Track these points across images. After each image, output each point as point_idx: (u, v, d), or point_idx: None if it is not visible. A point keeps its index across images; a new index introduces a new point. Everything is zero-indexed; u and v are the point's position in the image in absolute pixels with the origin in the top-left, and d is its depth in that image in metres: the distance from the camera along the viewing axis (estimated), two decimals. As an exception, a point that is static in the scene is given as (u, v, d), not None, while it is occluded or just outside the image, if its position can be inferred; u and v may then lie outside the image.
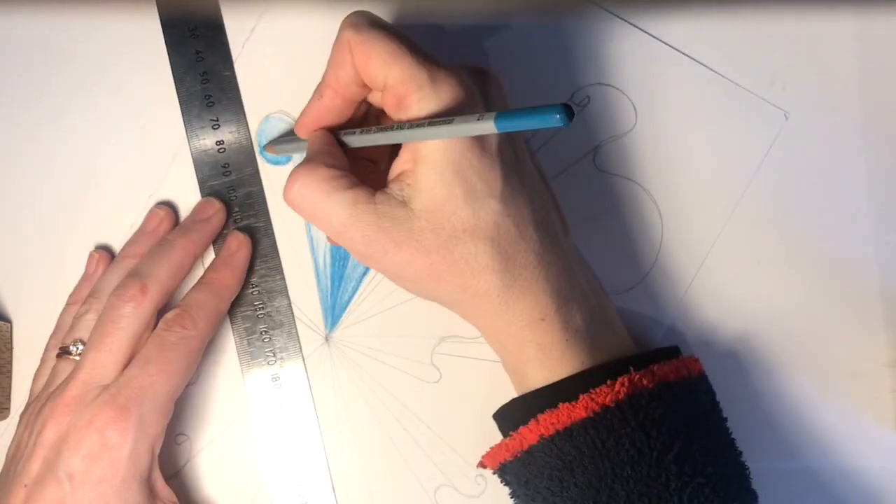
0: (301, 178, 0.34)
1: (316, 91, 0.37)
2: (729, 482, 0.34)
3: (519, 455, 0.35)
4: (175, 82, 0.42)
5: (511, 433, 0.35)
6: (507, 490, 0.37)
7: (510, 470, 0.36)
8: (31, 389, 0.40)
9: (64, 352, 0.39)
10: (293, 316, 0.42)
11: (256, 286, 0.42)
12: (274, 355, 0.42)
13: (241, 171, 0.42)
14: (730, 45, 0.42)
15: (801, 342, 0.42)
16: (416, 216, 0.34)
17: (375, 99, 0.37)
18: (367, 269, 0.42)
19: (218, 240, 0.42)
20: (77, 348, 0.38)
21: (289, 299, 0.42)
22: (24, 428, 0.38)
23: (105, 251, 0.42)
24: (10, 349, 0.42)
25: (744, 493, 0.35)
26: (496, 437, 0.41)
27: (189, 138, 0.42)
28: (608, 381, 0.33)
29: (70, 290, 0.42)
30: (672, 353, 0.37)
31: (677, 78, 0.42)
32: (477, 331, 0.42)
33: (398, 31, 0.34)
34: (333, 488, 0.41)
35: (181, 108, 0.42)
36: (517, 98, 0.42)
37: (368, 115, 0.39)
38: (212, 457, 0.42)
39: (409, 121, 0.33)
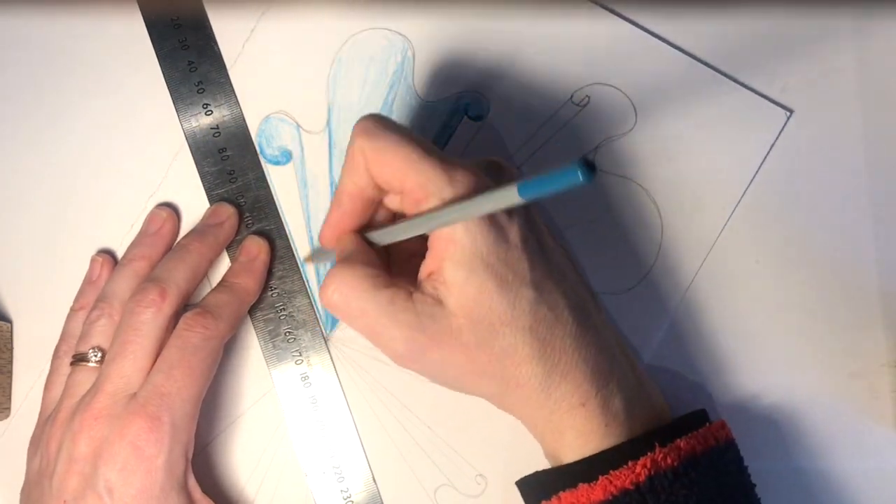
0: (338, 278, 0.34)
1: (334, 200, 0.36)
2: None
3: None
4: (171, 93, 0.42)
5: None
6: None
7: None
8: (45, 398, 0.40)
9: (80, 359, 0.38)
10: (315, 313, 0.42)
11: (276, 288, 0.42)
12: (300, 354, 0.42)
13: (246, 176, 0.42)
14: (730, 45, 0.42)
15: (801, 342, 0.42)
16: (453, 314, 0.33)
17: (393, 202, 0.36)
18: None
19: (232, 245, 0.42)
20: (96, 355, 0.38)
21: (309, 297, 0.42)
22: (50, 441, 0.37)
23: (108, 255, 0.42)
24: (11, 349, 0.42)
25: None
26: (496, 437, 0.41)
27: (192, 150, 0.42)
28: (629, 463, 0.33)
29: (70, 290, 0.42)
30: (698, 419, 0.36)
31: (677, 78, 0.42)
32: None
33: (410, 133, 0.34)
34: (375, 480, 0.41)
35: (182, 126, 0.42)
36: (517, 99, 0.42)
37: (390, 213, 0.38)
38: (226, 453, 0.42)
39: (428, 211, 0.33)
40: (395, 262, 0.38)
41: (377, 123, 0.34)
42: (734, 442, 0.36)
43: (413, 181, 0.33)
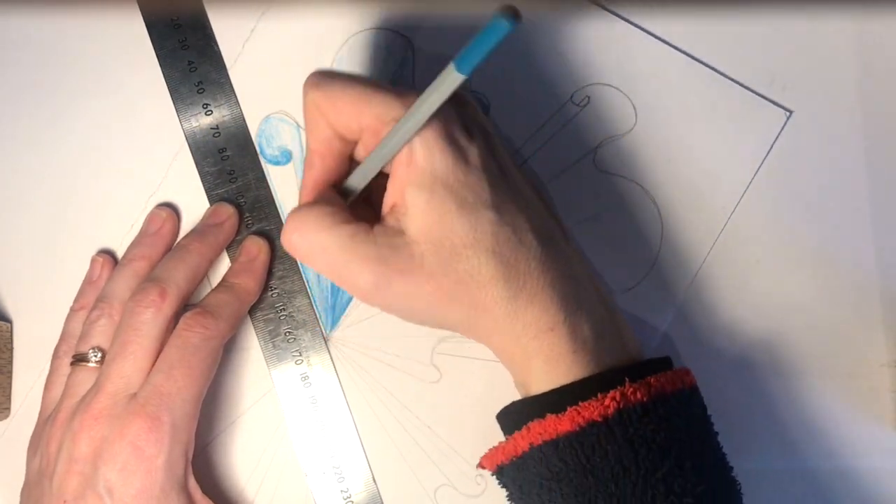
0: (297, 218, 0.34)
1: (305, 164, 0.36)
2: (718, 500, 0.33)
3: (514, 459, 0.35)
4: (171, 93, 0.42)
5: (507, 437, 0.35)
6: (504, 492, 0.37)
7: (506, 473, 0.36)
8: (45, 398, 0.40)
9: (80, 359, 0.38)
10: (315, 313, 0.42)
11: (276, 288, 0.42)
12: (300, 354, 0.42)
13: (246, 176, 0.42)
14: (730, 44, 0.42)
15: (801, 342, 0.42)
16: (415, 241, 0.33)
17: (361, 153, 0.36)
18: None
19: (232, 245, 0.42)
20: (96, 355, 0.38)
21: (309, 298, 0.42)
22: (50, 441, 0.37)
23: (108, 255, 0.42)
24: (11, 349, 0.42)
25: None
26: (496, 437, 0.41)
27: (192, 150, 0.42)
28: (598, 395, 0.32)
29: (70, 290, 0.42)
30: (664, 363, 0.36)
31: (677, 78, 0.42)
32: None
33: (359, 75, 0.34)
34: (375, 480, 0.41)
35: (182, 126, 0.42)
36: (517, 99, 0.42)
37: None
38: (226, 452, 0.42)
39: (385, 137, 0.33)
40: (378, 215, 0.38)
41: (323, 73, 0.34)
42: (698, 388, 0.36)
43: (368, 115, 0.33)
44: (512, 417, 0.36)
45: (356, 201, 0.37)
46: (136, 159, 0.43)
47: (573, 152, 0.42)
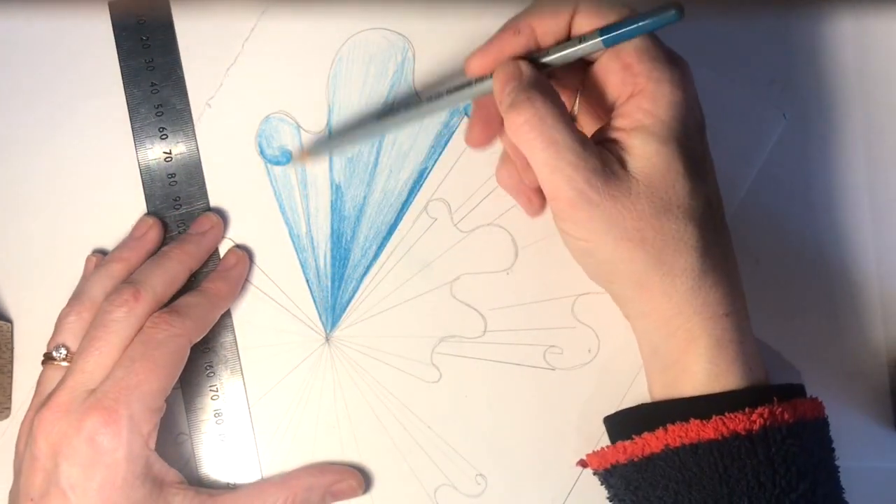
0: (539, 104, 0.33)
1: (510, 26, 0.36)
2: None
3: (636, 460, 0.34)
4: (130, 115, 0.42)
5: (634, 436, 0.35)
6: (605, 493, 0.36)
7: (621, 473, 0.35)
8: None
9: (47, 357, 0.39)
10: (238, 352, 0.42)
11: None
12: (217, 391, 0.42)
13: (191, 206, 0.42)
14: (730, 45, 0.42)
15: (801, 342, 0.42)
16: (635, 178, 0.33)
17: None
18: (367, 269, 0.42)
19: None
20: (60, 353, 0.38)
21: (234, 335, 0.42)
22: (18, 440, 0.38)
23: (102, 255, 0.42)
24: (11, 349, 0.42)
25: None
26: (496, 437, 0.41)
27: (142, 173, 0.42)
28: (746, 409, 0.32)
29: (70, 290, 0.42)
30: (802, 390, 0.36)
31: (677, 78, 0.42)
32: (478, 331, 0.42)
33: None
34: None
35: (138, 163, 0.42)
36: (517, 98, 0.42)
37: None
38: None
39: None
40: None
41: None
42: (827, 420, 0.36)
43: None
44: (640, 417, 0.35)
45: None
46: (135, 161, 0.43)
47: (573, 152, 0.42)
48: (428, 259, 0.42)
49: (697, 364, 0.34)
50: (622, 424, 0.36)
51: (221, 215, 0.42)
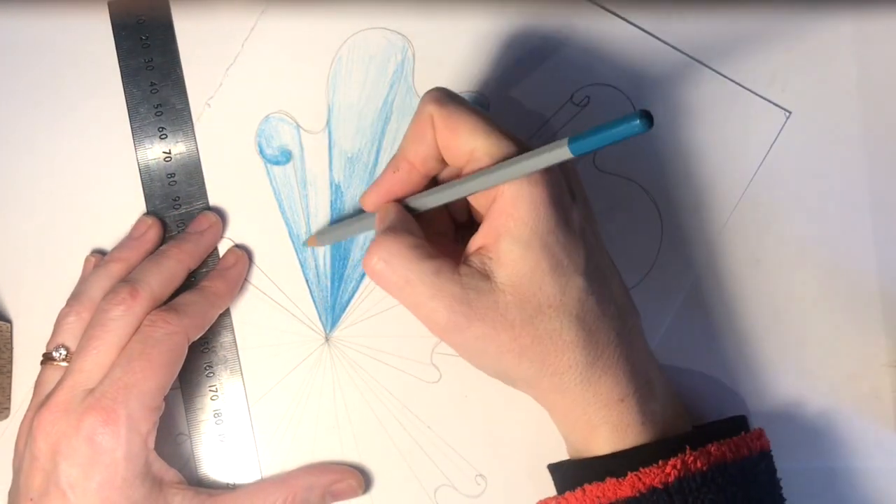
0: (384, 246, 0.34)
1: (390, 164, 0.36)
2: None
3: None
4: (129, 115, 0.42)
5: (558, 497, 0.35)
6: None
7: None
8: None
9: (47, 358, 0.39)
10: (237, 352, 0.42)
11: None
12: (216, 391, 0.42)
13: (191, 206, 0.42)
14: (730, 45, 0.42)
15: (801, 342, 0.42)
16: (501, 290, 0.33)
17: (446, 176, 0.37)
18: (366, 269, 0.42)
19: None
20: (60, 353, 0.38)
21: (233, 335, 0.42)
22: (18, 440, 0.38)
23: (102, 255, 0.42)
24: (11, 349, 0.42)
25: None
26: (496, 437, 0.41)
27: (141, 172, 0.42)
28: (660, 462, 0.33)
29: (69, 290, 0.42)
30: (737, 424, 0.36)
31: (677, 78, 0.42)
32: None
33: (477, 108, 0.35)
34: None
35: (135, 147, 0.42)
36: (517, 99, 0.42)
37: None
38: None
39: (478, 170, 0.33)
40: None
41: (446, 92, 0.35)
42: (768, 453, 0.36)
43: (483, 146, 0.33)
44: (567, 475, 0.36)
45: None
46: (134, 161, 0.43)
47: (573, 152, 0.42)
48: (428, 259, 0.42)
49: (598, 447, 0.35)
50: (555, 475, 0.37)
51: (221, 215, 0.42)
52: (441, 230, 0.39)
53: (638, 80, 0.42)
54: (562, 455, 0.37)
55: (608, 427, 0.34)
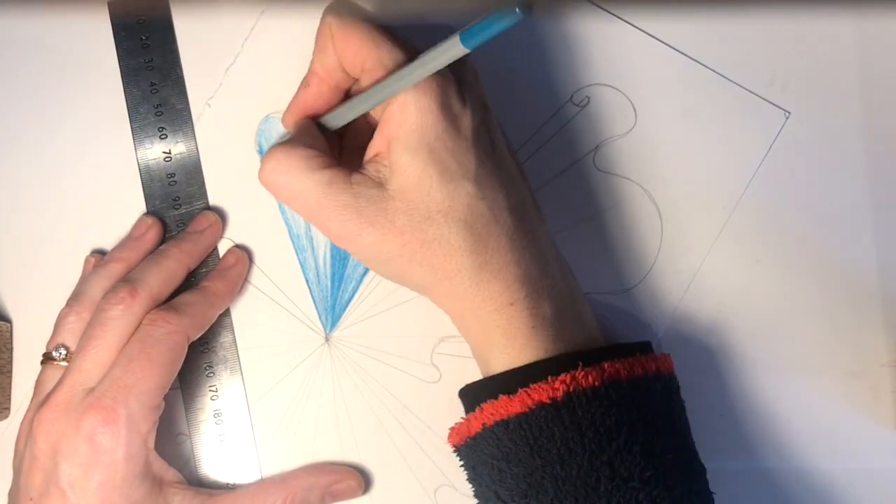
0: (276, 157, 0.35)
1: (303, 80, 0.37)
2: (671, 487, 0.33)
3: (468, 440, 0.35)
4: (129, 115, 0.42)
5: (462, 417, 0.36)
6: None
7: (462, 453, 0.36)
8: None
9: (47, 357, 0.39)
10: (237, 352, 0.42)
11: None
12: (216, 391, 0.42)
13: (191, 206, 0.42)
14: (730, 45, 0.42)
15: (801, 342, 0.42)
16: (391, 196, 0.34)
17: (359, 89, 0.37)
18: (367, 269, 0.42)
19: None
20: (60, 353, 0.38)
21: (233, 335, 0.42)
22: (18, 439, 0.38)
23: (102, 255, 0.42)
24: (11, 349, 0.42)
25: (692, 500, 0.34)
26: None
27: (141, 172, 0.42)
28: (549, 378, 0.33)
29: (69, 290, 0.42)
30: (640, 348, 0.36)
31: (677, 78, 0.42)
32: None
33: (378, 19, 0.35)
34: None
35: (135, 147, 0.42)
36: (517, 99, 0.42)
37: None
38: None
39: (376, 82, 0.34)
40: (347, 153, 0.39)
41: (346, 4, 0.35)
42: (669, 375, 0.36)
43: (374, 58, 0.34)
44: (469, 397, 0.36)
45: (333, 136, 0.38)
46: (134, 161, 0.43)
47: (573, 152, 0.42)
48: (428, 259, 0.42)
49: (493, 353, 0.35)
50: (463, 398, 0.37)
51: (221, 215, 0.42)
52: (367, 142, 0.39)
53: (638, 80, 0.42)
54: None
55: (500, 331, 0.35)
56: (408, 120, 0.33)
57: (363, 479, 0.41)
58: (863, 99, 0.42)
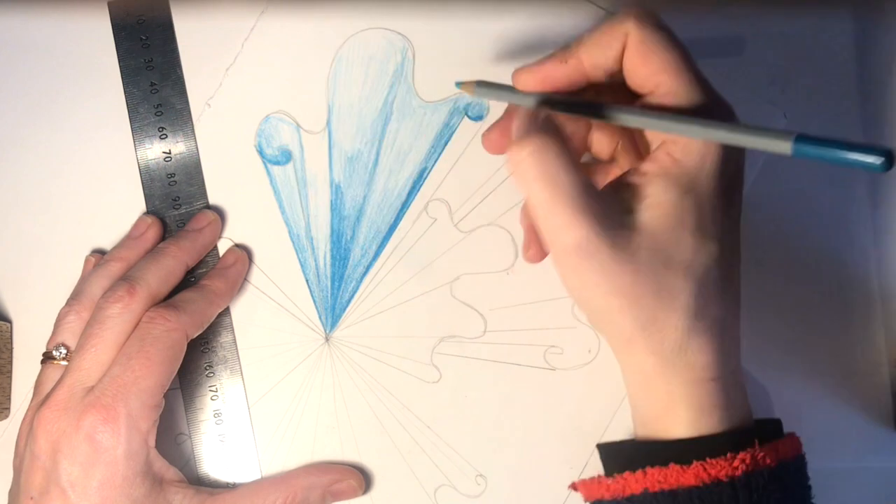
0: (542, 140, 0.32)
1: (560, 53, 0.34)
2: None
3: (619, 499, 0.34)
4: (129, 115, 0.42)
5: (615, 475, 0.34)
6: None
7: None
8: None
9: (47, 357, 0.39)
10: (237, 352, 0.42)
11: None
12: (216, 391, 0.42)
13: (191, 206, 0.42)
14: (729, 45, 0.42)
15: (801, 342, 0.42)
16: (638, 229, 0.32)
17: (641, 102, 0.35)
18: (367, 269, 0.42)
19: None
20: (60, 352, 0.38)
21: (233, 335, 0.42)
22: (19, 438, 0.38)
23: (101, 255, 0.42)
24: (10, 349, 0.42)
25: None
26: (496, 437, 0.41)
27: (141, 172, 0.42)
28: (728, 454, 0.32)
29: (69, 290, 0.42)
30: (776, 425, 0.35)
31: (677, 78, 0.42)
32: (478, 331, 0.42)
33: (681, 41, 0.33)
34: None
35: (135, 147, 0.42)
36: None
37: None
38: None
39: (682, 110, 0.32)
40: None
41: (654, 17, 0.33)
42: (804, 455, 0.35)
43: (669, 87, 0.32)
44: (623, 455, 0.35)
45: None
46: (134, 160, 0.43)
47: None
48: (428, 259, 0.42)
49: (671, 421, 0.33)
50: (609, 455, 0.36)
51: (221, 215, 0.42)
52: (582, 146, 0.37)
53: (638, 80, 0.42)
54: (564, 453, 0.37)
55: (691, 404, 0.33)
56: (689, 161, 0.32)
57: (363, 479, 0.41)
58: (863, 99, 0.42)
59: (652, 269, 0.32)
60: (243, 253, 0.42)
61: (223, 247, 0.42)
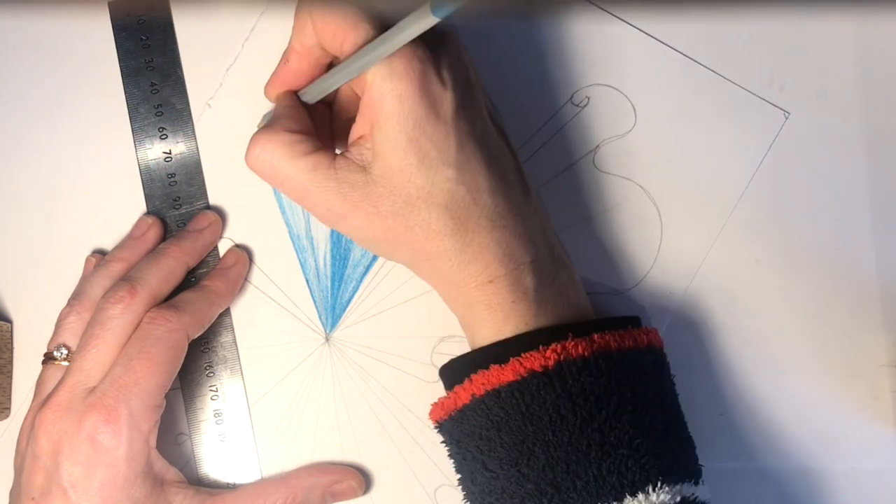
0: (261, 143, 0.35)
1: (283, 56, 0.37)
2: (660, 456, 0.34)
3: (453, 413, 0.36)
4: (129, 115, 0.42)
5: (448, 392, 0.36)
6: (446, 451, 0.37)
7: (446, 428, 0.36)
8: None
9: (48, 357, 0.39)
10: (237, 352, 0.42)
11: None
12: (216, 391, 0.42)
13: (191, 206, 0.42)
14: (729, 45, 0.42)
15: (801, 342, 0.42)
16: (374, 182, 0.34)
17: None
18: (367, 269, 0.42)
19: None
20: (61, 353, 0.38)
21: (234, 335, 0.42)
22: (20, 439, 0.38)
23: (102, 255, 0.42)
24: (11, 349, 0.42)
25: (680, 470, 0.34)
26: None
27: (141, 173, 0.42)
28: (540, 347, 0.34)
29: (70, 290, 0.42)
30: (631, 322, 0.36)
31: (677, 78, 0.42)
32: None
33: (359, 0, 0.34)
34: None
35: (135, 147, 0.42)
36: (517, 99, 0.42)
37: None
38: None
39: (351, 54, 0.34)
40: (336, 126, 0.39)
41: None
42: (658, 350, 0.36)
43: (352, 42, 0.34)
44: (454, 372, 0.36)
45: (324, 109, 0.38)
46: (135, 160, 0.43)
47: (573, 152, 0.42)
48: (428, 259, 0.42)
49: (477, 327, 0.36)
50: (445, 375, 0.37)
51: (221, 215, 0.42)
52: (353, 116, 0.39)
53: (638, 80, 0.42)
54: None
55: (482, 306, 0.35)
56: (386, 107, 0.33)
57: (363, 479, 0.41)
58: (862, 99, 0.42)
59: (397, 212, 0.34)
60: (244, 253, 0.42)
61: (224, 247, 0.42)
